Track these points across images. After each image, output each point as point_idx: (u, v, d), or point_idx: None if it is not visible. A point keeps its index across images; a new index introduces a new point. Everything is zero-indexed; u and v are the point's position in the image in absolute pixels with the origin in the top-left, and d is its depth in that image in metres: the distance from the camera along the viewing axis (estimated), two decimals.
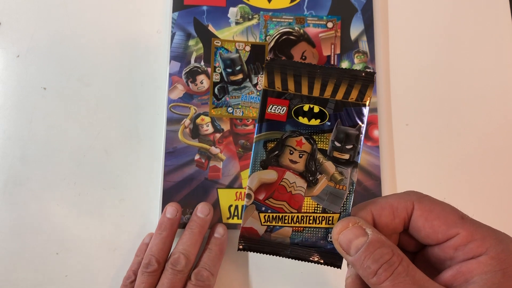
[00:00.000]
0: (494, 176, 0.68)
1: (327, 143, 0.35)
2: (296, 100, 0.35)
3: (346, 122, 0.35)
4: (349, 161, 0.35)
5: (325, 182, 0.35)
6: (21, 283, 0.61)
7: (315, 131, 0.35)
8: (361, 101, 0.34)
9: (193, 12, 0.68)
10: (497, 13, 0.74)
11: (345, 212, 0.35)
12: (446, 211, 0.33)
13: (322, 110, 0.35)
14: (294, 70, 0.34)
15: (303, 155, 0.35)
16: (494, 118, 0.70)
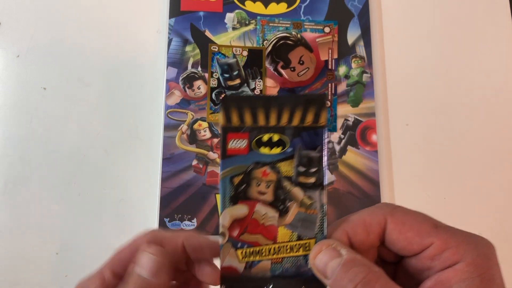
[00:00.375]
0: (494, 176, 0.68)
1: (291, 170, 0.35)
2: (255, 132, 0.35)
3: (306, 146, 0.35)
4: (316, 184, 0.35)
5: (296, 209, 0.35)
6: (21, 283, 0.61)
7: (278, 159, 0.35)
8: (317, 124, 0.34)
9: (190, 18, 0.69)
10: (496, 13, 0.74)
11: (321, 235, 0.35)
12: (418, 221, 0.33)
13: (282, 138, 0.35)
14: (249, 103, 0.34)
15: (270, 185, 0.35)
16: (494, 118, 0.70)
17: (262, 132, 0.35)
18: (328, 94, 0.68)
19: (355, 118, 0.67)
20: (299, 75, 0.68)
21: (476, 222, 0.66)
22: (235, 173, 0.35)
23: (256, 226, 0.35)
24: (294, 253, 0.35)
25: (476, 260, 0.30)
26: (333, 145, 0.66)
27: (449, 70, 0.71)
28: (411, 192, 0.67)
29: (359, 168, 0.66)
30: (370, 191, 0.65)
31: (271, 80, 0.67)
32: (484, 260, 0.31)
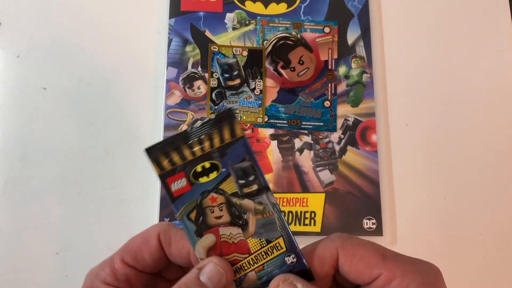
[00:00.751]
0: (494, 176, 0.68)
1: (234, 186, 0.37)
2: (188, 167, 0.36)
3: (236, 160, 0.36)
4: (260, 189, 0.36)
5: (254, 218, 0.37)
6: (21, 283, 0.61)
7: (219, 182, 0.37)
8: (235, 137, 0.36)
9: (190, 18, 0.69)
10: (496, 13, 0.74)
11: (285, 232, 0.36)
12: (368, 253, 0.34)
13: (212, 163, 0.36)
14: (171, 145, 0.36)
15: (222, 207, 0.37)
16: (494, 118, 0.70)
17: (194, 164, 0.37)
18: (328, 94, 0.68)
19: (355, 118, 0.67)
20: (299, 75, 0.68)
21: (476, 222, 0.66)
22: (188, 210, 0.37)
23: (228, 246, 0.37)
24: (270, 256, 0.36)
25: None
26: (333, 145, 0.66)
27: (449, 70, 0.71)
28: (411, 192, 0.67)
29: (359, 168, 0.66)
30: (370, 191, 0.65)
31: (271, 80, 0.67)
32: (427, 286, 0.31)
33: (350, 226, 0.64)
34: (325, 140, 0.67)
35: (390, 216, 0.65)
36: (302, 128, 0.67)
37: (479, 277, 0.64)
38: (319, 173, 0.65)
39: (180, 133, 0.36)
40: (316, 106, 0.67)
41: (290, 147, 0.66)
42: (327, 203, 0.64)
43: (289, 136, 0.66)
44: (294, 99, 0.67)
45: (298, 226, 0.64)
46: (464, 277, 0.64)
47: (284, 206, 0.64)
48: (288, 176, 0.65)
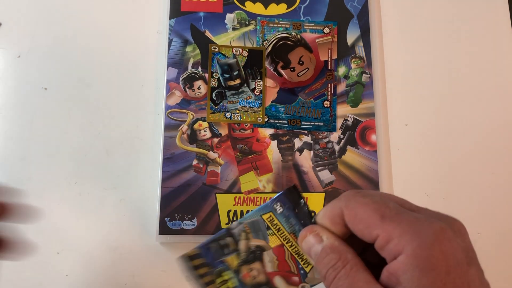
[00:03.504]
0: (494, 176, 0.68)
1: (235, 258, 0.40)
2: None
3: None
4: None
5: (245, 243, 0.41)
6: (21, 283, 0.61)
7: (228, 270, 0.41)
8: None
9: (190, 19, 0.69)
10: (496, 13, 0.74)
11: (259, 212, 0.40)
12: (368, 213, 0.33)
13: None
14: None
15: (250, 269, 0.40)
16: (494, 118, 0.70)
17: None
18: (328, 94, 0.68)
19: (354, 118, 0.67)
20: (299, 75, 0.68)
21: (476, 222, 0.66)
22: None
23: (282, 265, 0.40)
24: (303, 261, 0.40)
25: (415, 251, 0.30)
26: (333, 145, 0.67)
27: (449, 70, 0.72)
28: (410, 192, 0.67)
29: (359, 168, 0.66)
30: None
31: (271, 80, 0.67)
32: (424, 249, 0.30)
33: None
34: (324, 140, 0.67)
35: None
36: (302, 128, 0.67)
37: None
38: (319, 173, 0.65)
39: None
40: (316, 106, 0.67)
41: (290, 147, 0.66)
42: (326, 203, 0.64)
43: (289, 136, 0.66)
44: (294, 99, 0.67)
45: None
46: None
47: None
48: (288, 176, 0.65)
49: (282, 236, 0.40)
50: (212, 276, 0.41)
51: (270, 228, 0.40)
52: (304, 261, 0.40)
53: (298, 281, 0.40)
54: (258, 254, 0.40)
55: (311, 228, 0.37)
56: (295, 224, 0.39)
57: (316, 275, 0.40)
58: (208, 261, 0.41)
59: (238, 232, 0.40)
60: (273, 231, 0.40)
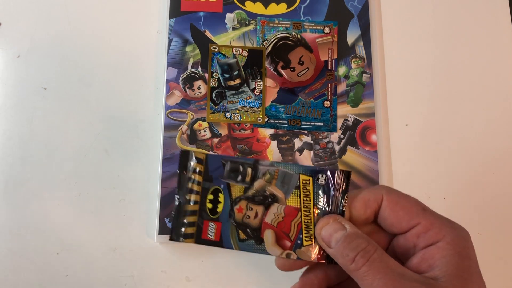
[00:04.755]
0: (494, 176, 0.68)
1: (239, 187, 0.39)
2: (201, 214, 0.40)
3: (217, 168, 0.40)
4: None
5: (273, 186, 0.39)
6: (21, 283, 0.61)
7: (229, 196, 0.40)
8: (202, 158, 0.41)
9: (190, 18, 0.69)
10: (496, 13, 0.74)
11: (298, 168, 0.39)
12: (410, 203, 0.38)
13: (212, 190, 0.40)
14: (180, 217, 0.40)
15: (250, 206, 0.39)
16: (494, 118, 0.70)
17: (204, 208, 0.40)
18: (328, 94, 0.68)
19: (354, 118, 0.67)
20: (299, 75, 0.68)
21: (476, 222, 0.66)
22: (237, 236, 0.40)
23: (284, 223, 0.39)
24: (310, 194, 0.39)
25: (454, 240, 0.34)
26: (333, 145, 0.66)
27: (449, 70, 0.72)
28: (411, 192, 0.66)
29: (359, 168, 0.66)
30: None
31: (271, 80, 0.67)
32: (462, 240, 0.34)
33: None
34: (325, 140, 0.67)
35: None
36: (302, 128, 0.67)
37: None
38: None
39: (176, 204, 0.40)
40: (316, 106, 0.67)
41: (290, 147, 0.66)
42: None
43: (289, 136, 0.66)
44: (294, 99, 0.67)
45: None
46: None
47: None
48: None
49: (305, 203, 0.39)
50: (201, 188, 0.40)
51: (299, 189, 0.39)
52: (308, 235, 0.39)
53: (288, 247, 0.39)
54: (268, 202, 0.39)
55: (334, 216, 0.38)
56: (324, 203, 0.39)
57: (309, 254, 0.39)
58: (210, 173, 0.40)
59: (264, 170, 0.39)
60: (300, 193, 0.39)
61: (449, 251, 0.34)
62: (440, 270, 0.33)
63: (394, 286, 0.33)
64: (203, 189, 0.40)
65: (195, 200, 0.40)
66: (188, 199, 0.40)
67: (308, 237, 0.39)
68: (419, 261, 0.35)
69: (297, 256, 0.39)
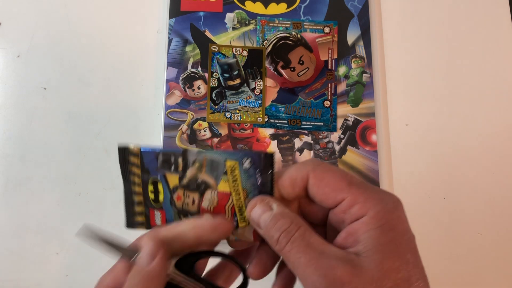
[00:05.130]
0: (494, 176, 0.68)
1: (175, 176, 0.40)
2: (147, 203, 0.42)
3: (152, 160, 0.41)
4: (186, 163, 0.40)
5: (203, 173, 0.40)
6: (21, 283, 0.61)
7: (167, 186, 0.41)
8: (135, 153, 0.41)
9: (190, 18, 0.69)
10: (496, 13, 0.74)
11: (224, 155, 0.39)
12: (335, 178, 0.36)
13: (150, 182, 0.41)
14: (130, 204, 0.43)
15: (187, 194, 0.40)
16: (494, 118, 0.70)
17: (147, 197, 0.42)
18: (328, 94, 0.68)
19: (355, 118, 0.67)
20: (299, 75, 0.68)
21: (476, 222, 0.66)
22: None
23: (218, 207, 0.40)
24: (239, 179, 0.39)
25: (378, 214, 0.34)
26: (333, 145, 0.66)
27: (449, 70, 0.72)
28: (411, 192, 0.67)
29: (359, 168, 0.66)
30: None
31: (271, 80, 0.67)
32: (386, 213, 0.34)
33: None
34: (325, 140, 0.67)
35: None
36: (302, 128, 0.67)
37: (479, 277, 0.64)
38: None
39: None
40: (316, 106, 0.67)
41: (290, 147, 0.66)
42: None
43: (289, 136, 0.66)
44: (294, 99, 0.67)
45: None
46: (464, 277, 0.64)
47: None
48: None
49: (234, 187, 0.39)
50: (141, 181, 0.41)
51: (226, 174, 0.39)
52: (242, 217, 0.39)
53: None
54: (202, 188, 0.40)
55: (261, 198, 0.38)
56: (252, 185, 0.39)
57: (246, 234, 0.40)
58: (146, 166, 0.41)
59: (193, 159, 0.40)
60: (228, 178, 0.39)
61: (372, 225, 0.33)
62: (363, 245, 0.33)
63: (314, 264, 0.33)
64: (143, 181, 0.41)
65: (139, 191, 0.41)
66: (133, 190, 0.41)
67: (242, 219, 0.40)
68: (345, 236, 0.35)
69: (235, 238, 0.41)
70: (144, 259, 0.36)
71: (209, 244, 0.40)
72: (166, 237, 0.38)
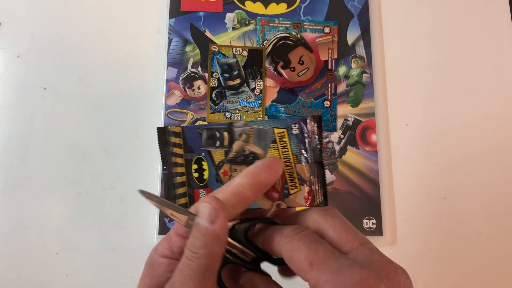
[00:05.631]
0: (494, 176, 0.68)
1: (220, 152, 0.40)
2: (190, 182, 0.42)
3: (194, 138, 0.41)
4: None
5: (251, 145, 0.40)
6: (21, 283, 0.62)
7: (211, 162, 0.40)
8: (177, 130, 0.42)
9: (190, 18, 0.69)
10: (496, 13, 0.74)
11: (272, 122, 0.39)
12: (299, 259, 0.35)
13: (195, 159, 0.41)
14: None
15: (234, 168, 0.40)
16: (494, 118, 0.70)
17: (191, 178, 0.41)
18: (328, 94, 0.68)
19: (355, 118, 0.67)
20: (299, 75, 0.68)
21: (476, 222, 0.66)
22: None
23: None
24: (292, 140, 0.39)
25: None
26: (333, 145, 0.66)
27: (449, 70, 0.71)
28: (410, 192, 0.67)
29: (359, 168, 0.66)
30: (370, 191, 0.65)
31: (271, 80, 0.67)
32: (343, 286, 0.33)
33: None
34: (325, 140, 0.67)
35: (390, 216, 0.65)
36: None
37: (479, 277, 0.64)
38: None
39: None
40: (316, 106, 0.67)
41: None
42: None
43: None
44: (294, 99, 0.67)
45: None
46: (464, 277, 0.64)
47: None
48: None
49: (284, 154, 0.39)
50: (183, 160, 0.41)
51: (276, 142, 0.39)
52: (293, 183, 0.39)
53: (277, 197, 0.40)
54: (249, 160, 0.40)
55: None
56: (302, 150, 0.39)
57: (298, 200, 0.40)
58: (190, 144, 0.40)
59: (240, 131, 0.39)
60: (278, 146, 0.39)
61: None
62: None
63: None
64: (186, 160, 0.41)
65: (181, 172, 0.41)
66: (175, 172, 0.41)
67: (293, 185, 0.39)
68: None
69: (286, 205, 0.40)
70: (206, 219, 0.35)
71: (265, 186, 0.38)
72: (223, 198, 0.36)
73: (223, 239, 0.35)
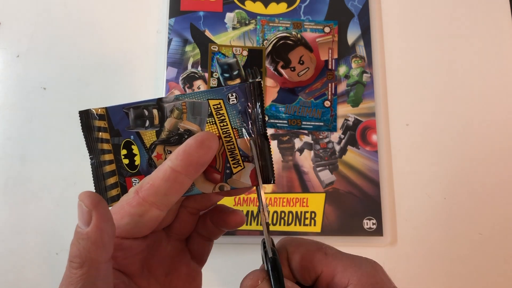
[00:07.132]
0: (494, 176, 0.68)
1: (151, 133, 0.36)
2: (120, 171, 0.37)
3: (123, 121, 0.37)
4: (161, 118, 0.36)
5: (185, 121, 0.35)
6: (21, 283, 0.61)
7: (142, 145, 0.36)
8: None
9: (190, 18, 0.69)
10: (496, 13, 0.74)
11: (206, 94, 0.35)
12: (311, 251, 0.35)
13: (125, 144, 0.37)
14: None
15: (167, 150, 0.36)
16: (494, 118, 0.70)
17: (120, 163, 0.37)
18: (328, 94, 0.68)
19: (355, 118, 0.67)
20: (299, 75, 0.68)
21: (476, 222, 0.66)
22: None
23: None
24: (223, 109, 0.35)
25: (360, 280, 0.33)
26: (333, 145, 0.66)
27: (449, 70, 0.71)
28: (411, 192, 0.67)
29: (359, 168, 0.66)
30: (370, 191, 0.65)
31: (271, 80, 0.67)
32: (368, 278, 0.33)
33: (350, 226, 0.64)
34: (325, 140, 0.67)
35: (390, 216, 0.65)
36: (302, 128, 0.67)
37: (479, 277, 0.64)
38: (319, 173, 0.65)
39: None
40: (316, 106, 0.67)
41: (290, 147, 0.66)
42: (327, 203, 0.64)
43: (289, 136, 0.66)
44: (294, 99, 0.67)
45: (298, 226, 0.63)
46: (464, 277, 0.64)
47: (284, 206, 0.64)
48: (288, 176, 0.65)
49: (223, 129, 0.35)
50: (110, 146, 0.36)
51: (212, 116, 0.35)
52: (235, 161, 0.35)
53: (219, 179, 0.36)
54: (185, 139, 0.35)
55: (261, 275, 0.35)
56: (243, 121, 0.35)
57: (242, 179, 0.36)
58: (116, 127, 0.36)
59: (171, 107, 0.35)
60: (215, 119, 0.35)
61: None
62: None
63: None
64: (113, 145, 0.36)
65: (110, 160, 0.36)
66: (102, 160, 0.36)
67: (236, 163, 0.35)
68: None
69: (230, 186, 0.36)
70: (80, 221, 0.30)
71: (201, 166, 0.34)
72: (153, 185, 0.32)
73: (101, 243, 0.30)
